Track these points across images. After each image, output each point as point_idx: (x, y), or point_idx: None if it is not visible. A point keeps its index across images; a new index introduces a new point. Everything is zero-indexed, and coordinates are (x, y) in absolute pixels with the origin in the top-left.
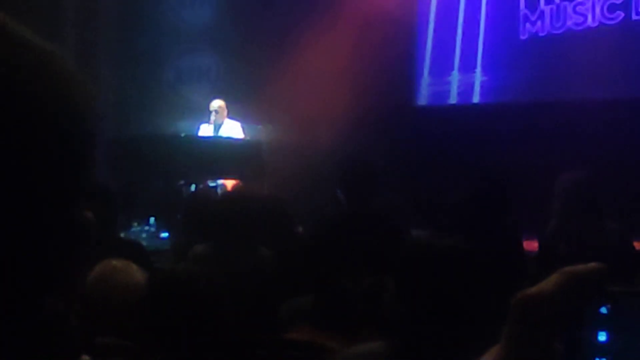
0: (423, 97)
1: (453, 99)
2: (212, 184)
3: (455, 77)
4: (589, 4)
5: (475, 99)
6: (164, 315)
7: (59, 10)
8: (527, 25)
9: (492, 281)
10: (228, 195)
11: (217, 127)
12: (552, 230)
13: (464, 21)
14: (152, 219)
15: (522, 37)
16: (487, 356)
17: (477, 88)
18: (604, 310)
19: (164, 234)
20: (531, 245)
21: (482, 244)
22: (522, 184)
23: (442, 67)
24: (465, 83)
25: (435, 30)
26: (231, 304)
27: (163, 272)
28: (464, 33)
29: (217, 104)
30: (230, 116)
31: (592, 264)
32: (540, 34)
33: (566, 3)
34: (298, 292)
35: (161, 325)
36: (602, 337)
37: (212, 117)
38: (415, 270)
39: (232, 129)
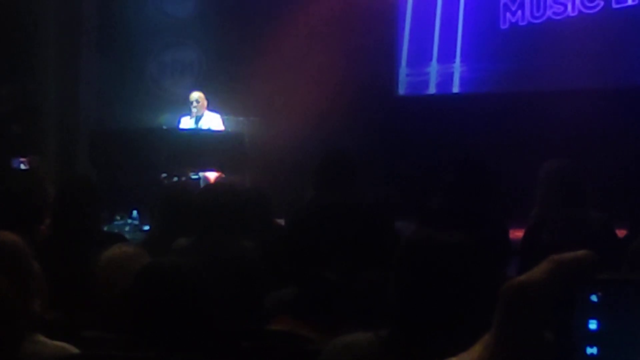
0: (402, 88)
1: (432, 90)
2: (194, 177)
3: (434, 67)
4: None
5: (455, 89)
6: (148, 307)
7: (40, 2)
8: (508, 14)
9: (480, 272)
10: (209, 187)
11: (197, 119)
12: (534, 218)
13: (442, 11)
14: (134, 212)
15: (503, 27)
16: (477, 345)
17: (456, 78)
18: (594, 298)
19: (147, 227)
20: (516, 234)
21: (469, 235)
22: (504, 173)
23: (420, 57)
24: (444, 73)
25: (412, 20)
26: (215, 295)
27: (148, 264)
28: (442, 23)
29: (196, 95)
30: (210, 108)
31: (581, 252)
32: (521, 24)
33: None
34: (281, 283)
35: (146, 316)
36: (592, 325)
37: (194, 110)
38: (405, 264)
39: (212, 121)
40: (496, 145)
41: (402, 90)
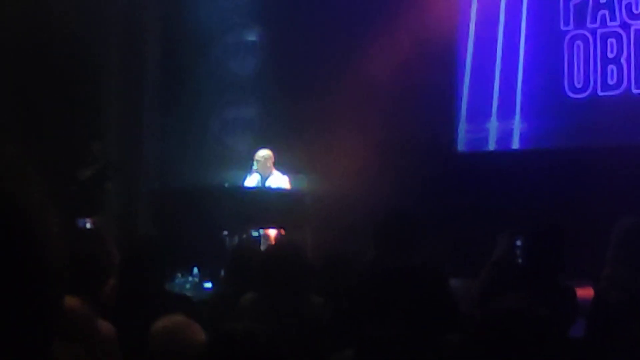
0: (461, 144)
1: (492, 146)
2: (254, 234)
3: (493, 123)
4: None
5: (515, 145)
6: None
7: (104, 59)
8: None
9: (550, 337)
10: (277, 245)
11: (265, 179)
12: (605, 278)
13: (502, 67)
14: (195, 269)
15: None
16: None
17: (516, 134)
18: None
19: (208, 284)
20: (581, 292)
21: (542, 302)
22: (565, 230)
23: (479, 113)
24: (504, 130)
25: (472, 77)
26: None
27: (224, 331)
28: (502, 79)
29: (262, 153)
30: (278, 169)
31: None
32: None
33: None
34: (347, 342)
35: None
36: None
37: (255, 167)
38: (484, 331)
39: (280, 183)
40: (557, 202)
41: (461, 147)
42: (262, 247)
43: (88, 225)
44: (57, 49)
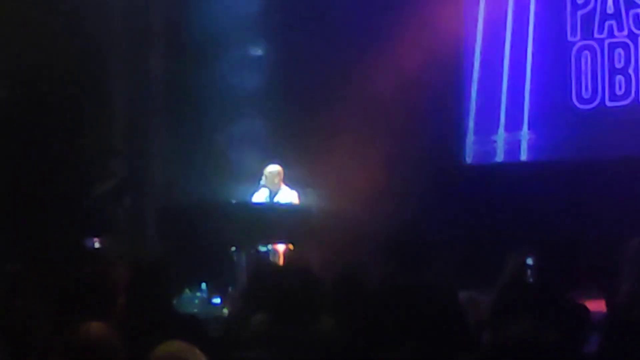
0: (469, 156)
1: (500, 158)
2: (262, 249)
3: (501, 135)
4: None
5: (523, 156)
6: None
7: (109, 74)
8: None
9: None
10: (287, 265)
11: (273, 195)
12: (624, 295)
13: (509, 78)
14: (203, 285)
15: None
16: None
17: (524, 146)
18: None
19: (216, 300)
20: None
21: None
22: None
23: (487, 125)
24: (512, 141)
25: (479, 89)
26: None
27: None
28: (509, 91)
29: (272, 168)
30: (287, 184)
31: None
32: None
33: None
34: None
35: None
36: None
37: (263, 181)
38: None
39: (289, 198)
40: (566, 214)
41: (469, 159)
42: (272, 264)
43: (96, 245)
44: (63, 60)
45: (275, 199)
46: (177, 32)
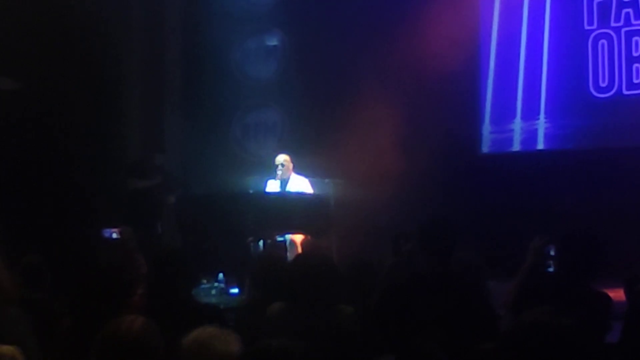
0: (485, 145)
1: (516, 147)
2: (280, 239)
3: (518, 124)
4: None
5: (540, 145)
6: None
7: (124, 68)
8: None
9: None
10: (304, 254)
11: (284, 183)
12: None
13: (525, 67)
14: (221, 275)
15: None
16: None
17: (540, 135)
18: None
19: (234, 290)
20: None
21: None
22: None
23: (504, 114)
24: (528, 130)
25: (495, 78)
26: None
27: (259, 346)
28: (525, 79)
29: (282, 158)
30: (297, 171)
31: None
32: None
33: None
34: (380, 351)
35: None
36: None
37: (279, 173)
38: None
39: (299, 185)
40: (583, 202)
41: (485, 148)
42: (289, 253)
43: (114, 235)
44: (79, 51)
45: (287, 188)
46: (194, 22)
